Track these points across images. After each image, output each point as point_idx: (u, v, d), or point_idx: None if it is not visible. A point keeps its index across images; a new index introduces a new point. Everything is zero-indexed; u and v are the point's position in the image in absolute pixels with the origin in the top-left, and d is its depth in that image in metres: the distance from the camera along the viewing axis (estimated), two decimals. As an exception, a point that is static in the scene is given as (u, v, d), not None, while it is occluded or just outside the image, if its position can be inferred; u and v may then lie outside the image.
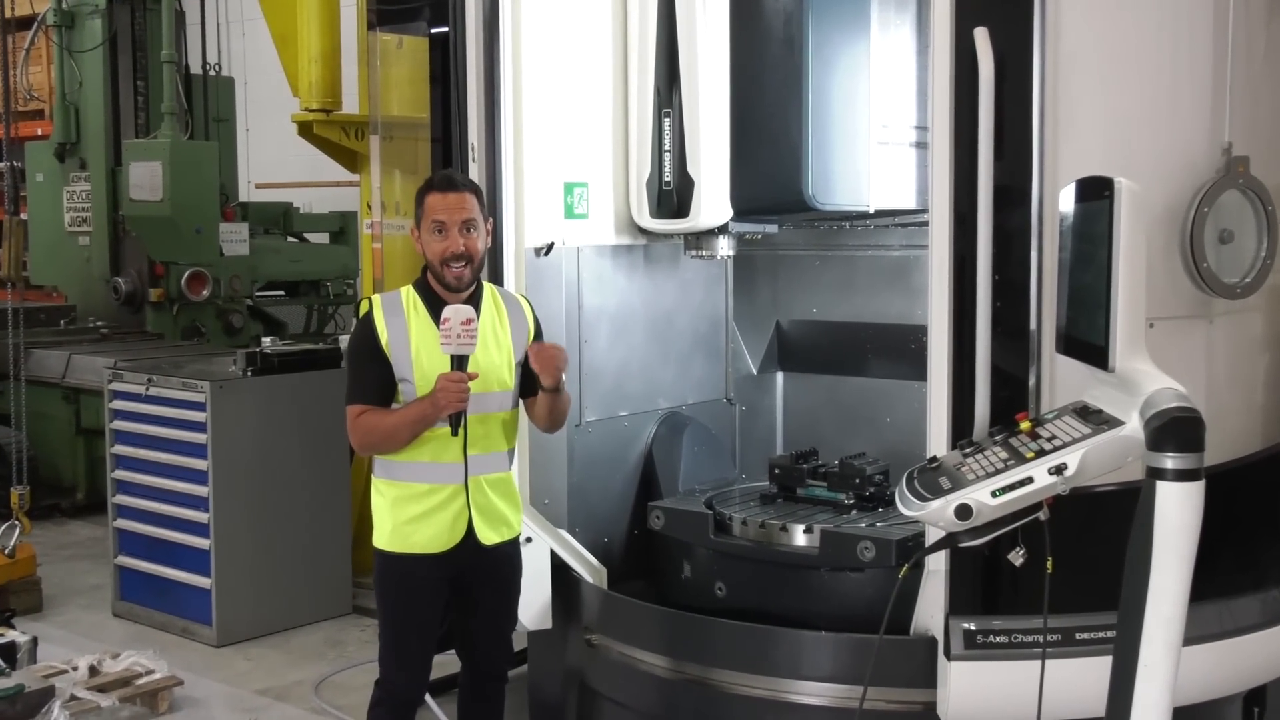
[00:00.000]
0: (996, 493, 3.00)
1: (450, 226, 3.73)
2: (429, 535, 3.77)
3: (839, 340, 5.48)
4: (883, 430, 5.31)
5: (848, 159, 4.63)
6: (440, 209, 3.75)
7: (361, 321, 3.81)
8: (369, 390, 3.75)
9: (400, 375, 3.73)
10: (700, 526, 4.68)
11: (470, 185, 3.88)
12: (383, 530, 3.82)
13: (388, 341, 3.73)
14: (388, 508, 3.80)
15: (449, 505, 3.75)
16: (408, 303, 3.80)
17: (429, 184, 3.84)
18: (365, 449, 3.82)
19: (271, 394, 6.29)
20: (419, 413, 3.68)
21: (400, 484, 3.78)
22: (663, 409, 5.30)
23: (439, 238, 3.74)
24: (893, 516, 4.46)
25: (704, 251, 5.00)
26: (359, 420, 3.74)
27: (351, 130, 7.34)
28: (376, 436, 3.74)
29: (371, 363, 3.74)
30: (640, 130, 4.94)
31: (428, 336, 3.73)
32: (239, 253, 9.46)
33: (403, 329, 3.74)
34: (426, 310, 3.78)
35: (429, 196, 3.79)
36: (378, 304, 3.79)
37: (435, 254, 3.75)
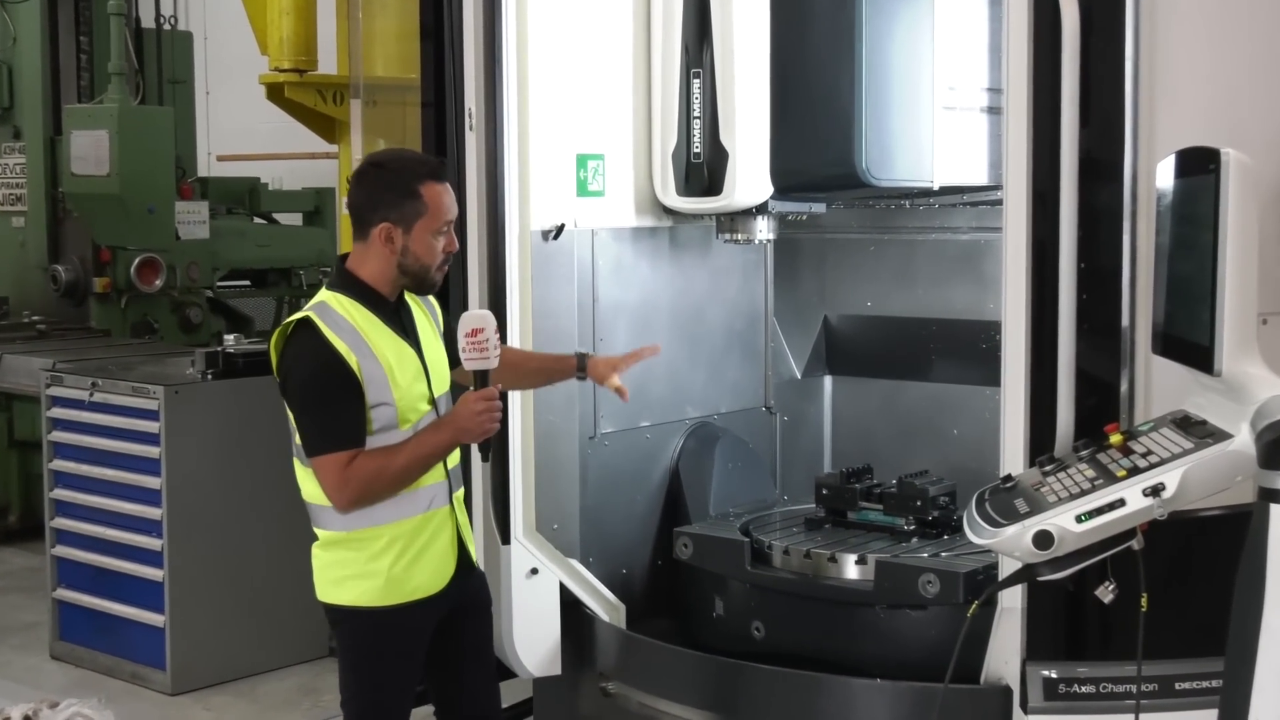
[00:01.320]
0: (1082, 517, 3.00)
1: (452, 225, 3.72)
2: (431, 572, 3.72)
3: (897, 339, 5.48)
4: (948, 444, 5.31)
5: (908, 127, 4.63)
6: (449, 207, 3.68)
7: (309, 350, 3.56)
8: (352, 431, 3.57)
9: (376, 400, 3.59)
10: (735, 556, 4.68)
11: None
12: (367, 587, 3.69)
13: (358, 364, 3.56)
14: (370, 560, 3.68)
15: (442, 531, 3.75)
16: (347, 312, 3.62)
17: (427, 172, 3.69)
18: (363, 502, 3.61)
19: (236, 400, 6.31)
20: (440, 444, 3.58)
21: (388, 526, 3.68)
22: (691, 419, 5.31)
23: (443, 239, 3.68)
24: (960, 545, 4.46)
25: (740, 235, 5.01)
26: (353, 470, 3.54)
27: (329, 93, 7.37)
28: (385, 482, 3.58)
29: (345, 396, 3.55)
30: (665, 93, 4.95)
31: (391, 345, 3.64)
32: (197, 236, 9.49)
33: (363, 344, 3.60)
34: (370, 314, 3.65)
35: (431, 187, 3.65)
36: (321, 323, 3.58)
37: (435, 256, 3.67)
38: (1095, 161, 3.72)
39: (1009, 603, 3.84)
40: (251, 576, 6.34)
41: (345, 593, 3.73)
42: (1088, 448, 3.26)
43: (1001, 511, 3.10)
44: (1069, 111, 3.69)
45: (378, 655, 3.73)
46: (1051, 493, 3.10)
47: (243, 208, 10.51)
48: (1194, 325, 3.04)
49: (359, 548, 3.69)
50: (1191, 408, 3.17)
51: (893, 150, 4.60)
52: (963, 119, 4.75)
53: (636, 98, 5.04)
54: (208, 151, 11.38)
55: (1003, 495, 3.18)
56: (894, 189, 4.82)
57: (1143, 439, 3.14)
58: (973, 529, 3.13)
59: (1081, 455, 3.24)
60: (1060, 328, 3.73)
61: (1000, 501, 3.14)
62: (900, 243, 5.45)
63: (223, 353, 6.44)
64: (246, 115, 10.78)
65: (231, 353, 6.44)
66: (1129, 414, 3.69)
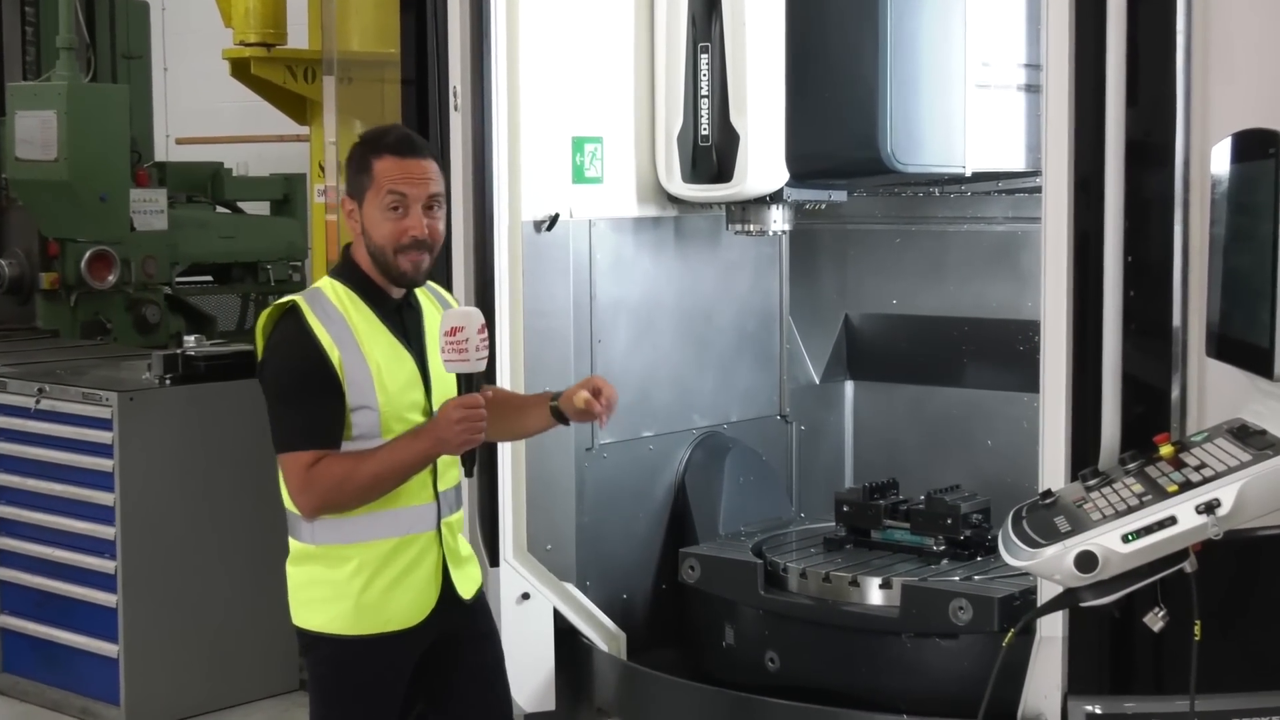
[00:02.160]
0: (1129, 537, 3.00)
1: (412, 202, 3.64)
2: (407, 602, 3.69)
3: (925, 340, 5.48)
4: (982, 456, 5.31)
5: (937, 107, 4.63)
6: (399, 178, 3.64)
7: (290, 337, 3.60)
8: (321, 429, 3.57)
9: (357, 402, 3.59)
10: (747, 580, 4.68)
11: (433, 150, 3.83)
12: (338, 611, 3.68)
13: (340, 359, 3.57)
14: (343, 581, 3.67)
15: (424, 559, 3.70)
16: (340, 301, 3.65)
17: (377, 142, 3.71)
18: (326, 509, 3.61)
19: (197, 408, 6.31)
20: (419, 453, 3.56)
21: (363, 545, 3.66)
22: (698, 429, 5.32)
23: (394, 216, 3.63)
24: (995, 567, 4.46)
25: (752, 226, 5.01)
26: (316, 472, 3.55)
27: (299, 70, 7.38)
28: (351, 490, 3.57)
29: (320, 391, 3.56)
30: (670, 70, 4.95)
31: (382, 345, 3.65)
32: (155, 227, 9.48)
33: (350, 339, 3.61)
34: (369, 308, 3.67)
35: (380, 161, 3.66)
36: (308, 309, 3.60)
37: (387, 236, 3.63)
38: (1143, 144, 3.72)
39: (1049, 631, 3.84)
40: (214, 603, 6.34)
41: (315, 615, 3.72)
42: (1135, 460, 3.26)
43: (1040, 530, 3.10)
44: (1114, 89, 3.70)
45: (350, 688, 3.71)
46: (1095, 510, 3.10)
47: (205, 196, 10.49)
48: (1252, 325, 3.05)
49: (330, 565, 3.69)
50: (1249, 416, 3.17)
51: (921, 132, 4.61)
52: (998, 98, 4.75)
53: (638, 75, 5.05)
54: (166, 134, 11.36)
55: (1042, 512, 3.18)
56: (922, 175, 4.82)
57: (1196, 450, 3.14)
58: (1009, 550, 3.14)
59: (1128, 468, 3.25)
60: (1105, 328, 3.73)
61: (1039, 519, 3.15)
62: (929, 234, 5.45)
63: (182, 355, 6.43)
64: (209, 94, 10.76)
65: (192, 355, 6.44)
66: (1180, 423, 3.69)
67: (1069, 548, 3.02)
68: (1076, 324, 3.78)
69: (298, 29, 7.57)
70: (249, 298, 10.42)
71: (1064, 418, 3.79)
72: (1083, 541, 3.02)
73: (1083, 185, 3.77)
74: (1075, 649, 3.82)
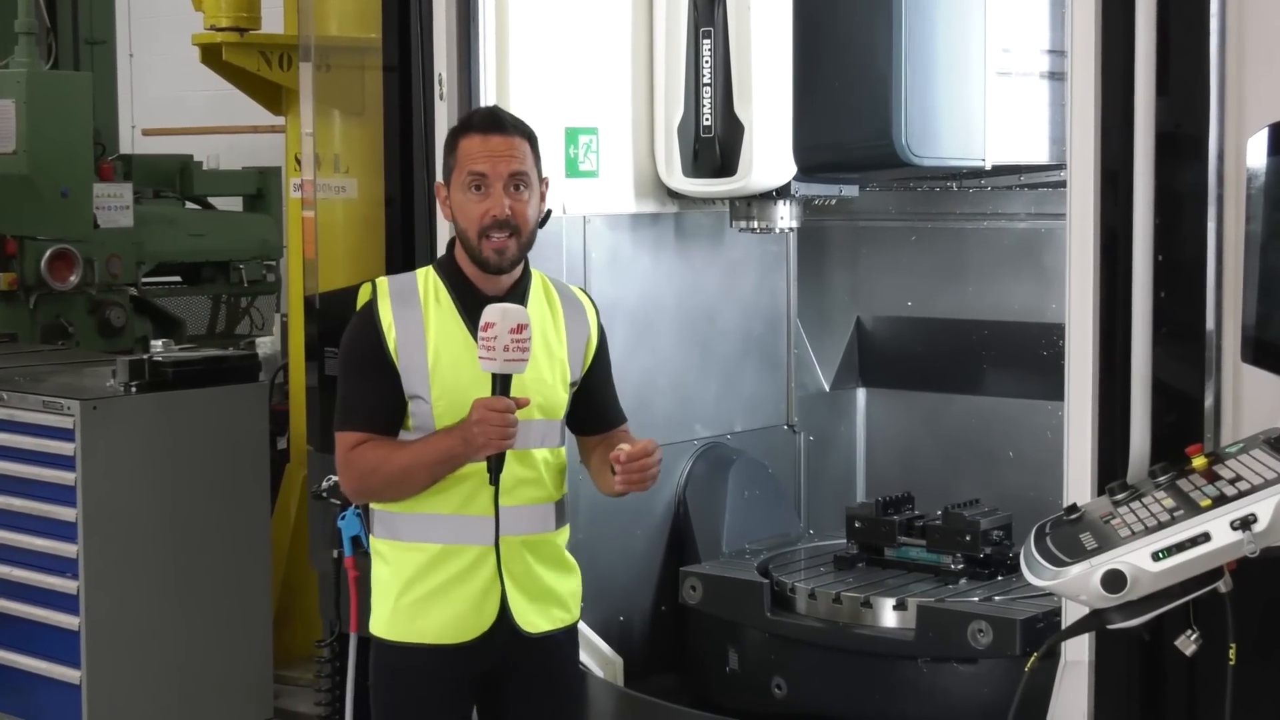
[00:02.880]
0: (1160, 554, 3.00)
1: (493, 181, 3.69)
2: (445, 619, 3.71)
3: (942, 344, 5.48)
4: (1002, 468, 5.31)
5: (955, 96, 4.64)
6: (480, 156, 3.71)
7: (360, 315, 3.77)
8: (369, 412, 3.73)
9: (412, 391, 3.70)
10: (752, 600, 4.69)
11: (523, 128, 3.81)
12: (380, 611, 3.78)
13: (396, 343, 3.70)
14: (388, 581, 3.76)
15: (473, 576, 3.70)
16: (426, 289, 3.78)
17: (465, 123, 3.83)
18: (362, 494, 3.81)
19: (165, 417, 6.31)
20: (445, 450, 3.63)
21: (405, 545, 3.73)
22: (700, 440, 5.32)
23: (476, 196, 3.70)
24: (1016, 587, 4.46)
25: (758, 223, 5.01)
26: (355, 454, 3.71)
27: (274, 56, 7.37)
28: (380, 478, 3.70)
29: (374, 373, 3.71)
30: (670, 56, 4.96)
31: (452, 337, 3.71)
32: (120, 224, 9.48)
33: (417, 325, 3.71)
34: (452, 301, 3.75)
35: (464, 140, 3.76)
36: (384, 290, 3.76)
37: (471, 219, 3.70)
38: (1175, 135, 3.72)
39: (1074, 655, 3.84)
40: (183, 627, 6.33)
41: (374, 618, 3.83)
42: (1166, 473, 3.26)
43: (1065, 548, 3.10)
44: (1144, 76, 3.70)
45: (385, 693, 3.80)
46: (1124, 525, 3.10)
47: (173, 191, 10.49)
48: (1291, 328, 3.05)
49: (382, 563, 3.81)
50: (1288, 426, 3.17)
51: (938, 123, 4.61)
52: (1019, 86, 4.75)
53: (636, 62, 5.05)
54: (132, 125, 11.37)
55: (1067, 529, 3.18)
56: (939, 168, 4.82)
57: (1231, 463, 3.14)
58: (1031, 568, 3.14)
59: (1159, 482, 3.25)
60: (1134, 331, 3.73)
61: (1064, 536, 3.15)
62: (946, 231, 5.45)
63: (149, 361, 6.43)
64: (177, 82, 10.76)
65: (160, 361, 6.44)
66: (1214, 433, 3.69)
67: (1095, 566, 3.02)
68: (1104, 327, 3.78)
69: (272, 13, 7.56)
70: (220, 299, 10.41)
71: (1090, 427, 3.79)
72: (1110, 560, 3.02)
73: (1110, 179, 3.77)
74: (1102, 674, 3.82)
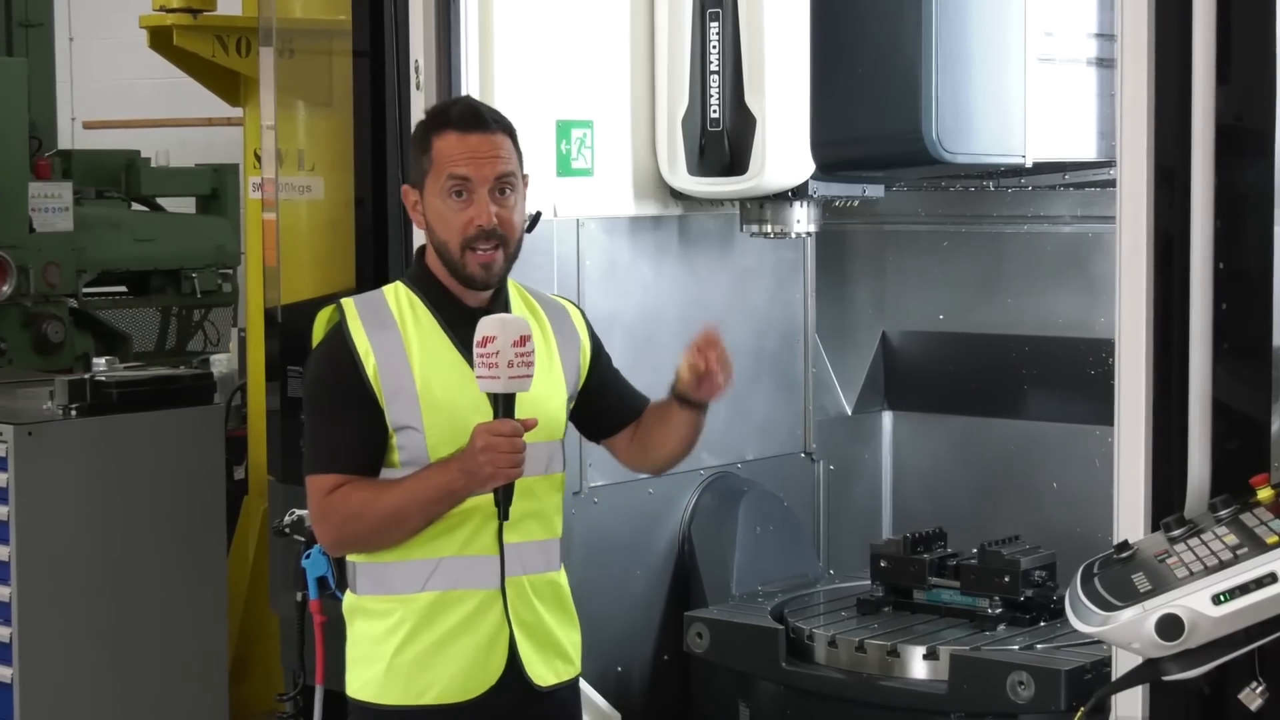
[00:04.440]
0: (1221, 598, 3.00)
1: (477, 185, 3.65)
2: (448, 675, 3.67)
3: (977, 362, 5.49)
4: (1046, 501, 5.32)
5: (991, 86, 4.65)
6: (460, 157, 3.65)
7: (328, 343, 3.71)
8: (348, 451, 3.64)
9: (399, 421, 3.64)
10: (766, 649, 4.68)
11: (504, 121, 3.77)
12: (370, 675, 3.71)
13: (376, 370, 3.63)
14: (379, 639, 3.69)
15: (478, 623, 3.67)
16: (400, 307, 3.73)
17: (439, 118, 3.76)
18: (344, 544, 3.70)
19: (109, 443, 6.30)
20: (442, 486, 3.56)
21: (400, 597, 3.67)
22: (707, 469, 5.32)
23: (458, 204, 3.65)
24: (1061, 634, 4.47)
25: (771, 227, 5.02)
26: (334, 500, 3.61)
27: (231, 41, 7.38)
28: (366, 525, 3.62)
29: (351, 407, 3.63)
30: (673, 42, 4.96)
31: (439, 358, 3.68)
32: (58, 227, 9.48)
33: (398, 348, 3.66)
34: (432, 315, 3.71)
35: (440, 138, 3.69)
36: (353, 311, 3.69)
37: (452, 230, 3.66)
38: (1236, 129, 3.72)
39: (1126, 710, 3.83)
40: (130, 678, 6.33)
41: (352, 678, 3.77)
42: (1228, 506, 3.27)
43: (1115, 590, 3.11)
44: (1202, 63, 3.70)
45: None
46: (1181, 565, 3.10)
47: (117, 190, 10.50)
48: (1367, 345, 3.06)
49: (369, 619, 3.73)
50: (1364, 453, 3.18)
51: (972, 115, 4.62)
52: (1063, 74, 4.76)
53: (635, 47, 5.06)
54: (71, 117, 11.38)
55: (1117, 569, 3.19)
56: (974, 166, 4.83)
57: (1301, 494, 3.15)
58: (1078, 613, 3.14)
59: (1220, 516, 3.25)
60: (1192, 348, 3.73)
61: (1114, 577, 3.15)
62: (982, 236, 5.46)
63: (91, 381, 6.43)
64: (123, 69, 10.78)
65: (103, 381, 6.44)
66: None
67: (1149, 610, 3.02)
68: (1158, 343, 3.78)
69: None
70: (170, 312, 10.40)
71: (1143, 455, 3.79)
72: (1166, 603, 3.02)
73: (1165, 178, 3.77)
74: (1158, 731, 3.82)
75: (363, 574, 3.72)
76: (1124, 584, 3.12)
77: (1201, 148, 3.72)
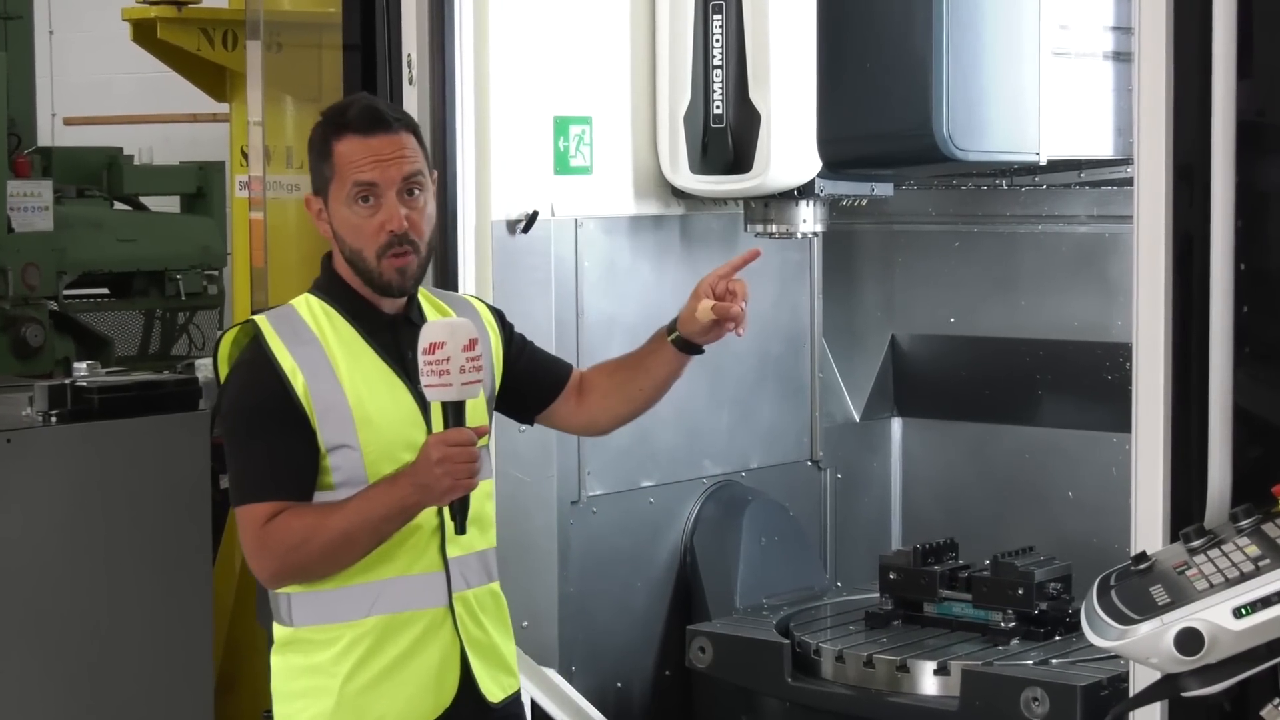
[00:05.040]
0: (1243, 611, 2.99)
1: (384, 189, 3.59)
2: (405, 699, 3.63)
3: (990, 367, 5.49)
4: (1061, 510, 5.32)
5: (1005, 81, 4.64)
6: (364, 162, 3.59)
7: (247, 365, 3.62)
8: (282, 476, 3.56)
9: (333, 441, 3.57)
10: (771, 664, 4.68)
11: (405, 119, 3.76)
12: (319, 709, 3.65)
13: (305, 388, 3.55)
14: (325, 670, 3.64)
15: (430, 644, 3.64)
16: (316, 319, 3.66)
17: (335, 120, 3.68)
18: (286, 576, 3.60)
19: (90, 451, 6.30)
20: (395, 503, 3.48)
21: (348, 625, 3.62)
22: (710, 477, 5.32)
23: (365, 210, 3.59)
24: (1077, 649, 4.46)
25: (776, 227, 5.02)
26: (273, 530, 3.52)
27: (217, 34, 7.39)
28: (311, 553, 3.53)
29: (281, 429, 3.55)
30: (675, 36, 4.96)
31: (367, 370, 3.62)
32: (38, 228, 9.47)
33: (323, 363, 3.59)
34: (351, 326, 3.65)
35: (341, 142, 3.63)
36: (268, 328, 3.61)
37: (364, 237, 3.60)
38: (1258, 125, 3.72)
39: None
40: (113, 694, 6.33)
41: (295, 713, 3.70)
42: (1250, 516, 3.26)
43: (1133, 603, 3.10)
44: (1223, 57, 3.70)
45: None
46: (1201, 577, 3.09)
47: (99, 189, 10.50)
48: (1395, 349, 3.05)
49: (311, 651, 3.66)
50: (1392, 461, 3.17)
51: (985, 111, 4.61)
52: (1079, 68, 4.76)
53: (635, 41, 5.06)
54: (52, 113, 11.37)
55: (1135, 581, 3.18)
56: (986, 163, 4.82)
57: (1326, 504, 3.14)
58: (1094, 626, 3.13)
59: (1241, 526, 3.24)
60: (1212, 352, 3.72)
61: (1131, 589, 3.14)
62: (995, 236, 5.46)
63: (72, 387, 6.43)
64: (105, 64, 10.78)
65: (84, 387, 6.44)
66: (1307, 469, 3.69)
67: (1168, 624, 3.01)
68: (1177, 347, 3.77)
69: (216, -16, 7.59)
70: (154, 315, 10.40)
71: (1162, 463, 3.78)
72: (1185, 617, 3.01)
73: (1184, 175, 3.77)
74: (1177, 750, 3.82)
75: (299, 604, 3.65)
76: (1142, 597, 3.11)
77: (1222, 144, 3.71)
